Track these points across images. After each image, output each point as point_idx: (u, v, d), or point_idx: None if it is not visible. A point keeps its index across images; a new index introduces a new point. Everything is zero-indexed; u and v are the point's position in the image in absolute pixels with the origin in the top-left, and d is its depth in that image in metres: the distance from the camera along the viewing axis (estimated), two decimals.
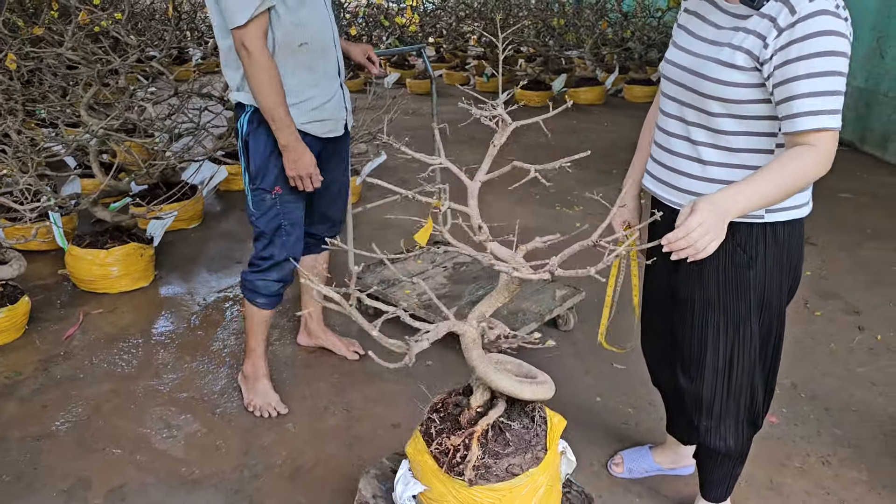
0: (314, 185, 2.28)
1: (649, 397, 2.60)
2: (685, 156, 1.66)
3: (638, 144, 1.92)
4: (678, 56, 1.64)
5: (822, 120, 1.41)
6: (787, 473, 2.24)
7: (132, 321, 3.19)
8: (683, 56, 1.62)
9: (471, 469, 1.49)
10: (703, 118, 1.60)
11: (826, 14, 1.39)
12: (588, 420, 2.50)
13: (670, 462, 2.22)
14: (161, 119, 4.14)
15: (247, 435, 2.44)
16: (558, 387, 2.66)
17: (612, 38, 7.85)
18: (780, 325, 1.76)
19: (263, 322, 2.55)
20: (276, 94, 2.13)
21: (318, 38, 2.25)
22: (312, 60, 2.24)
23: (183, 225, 4.18)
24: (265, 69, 2.10)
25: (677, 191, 1.69)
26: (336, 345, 2.91)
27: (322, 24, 2.27)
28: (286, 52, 2.18)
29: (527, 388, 1.55)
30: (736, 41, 1.50)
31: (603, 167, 5.27)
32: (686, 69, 1.60)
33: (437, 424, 1.62)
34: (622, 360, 2.84)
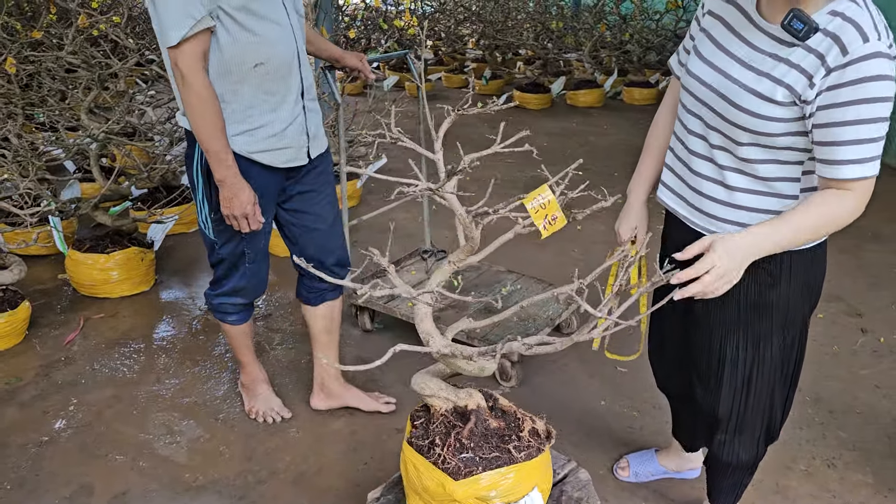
0: (251, 227, 2.03)
1: (654, 401, 2.59)
2: (710, 178, 1.57)
3: (645, 146, 1.83)
4: (704, 72, 1.52)
5: (865, 169, 1.35)
6: (793, 477, 2.23)
7: (133, 326, 3.18)
8: (711, 74, 1.50)
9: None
10: (729, 144, 1.51)
11: (880, 57, 1.29)
12: (593, 424, 2.49)
13: (676, 466, 2.22)
14: (161, 123, 4.13)
15: (250, 440, 2.43)
16: (563, 390, 2.67)
17: (610, 40, 7.85)
18: (803, 342, 1.69)
19: (244, 335, 2.46)
20: (211, 126, 1.89)
21: (278, 57, 1.97)
22: (270, 82, 1.98)
23: (183, 229, 4.17)
24: (199, 96, 1.86)
25: (701, 213, 1.61)
26: (364, 401, 2.56)
27: (283, 40, 1.99)
28: (238, 74, 1.93)
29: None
30: (777, 73, 1.39)
31: (603, 170, 5.27)
32: (715, 91, 1.49)
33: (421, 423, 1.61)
34: (627, 364, 2.84)
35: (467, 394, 1.56)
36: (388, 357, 1.23)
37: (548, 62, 7.95)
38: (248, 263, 2.24)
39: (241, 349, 2.50)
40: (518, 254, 3.69)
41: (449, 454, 1.47)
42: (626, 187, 1.88)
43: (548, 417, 2.49)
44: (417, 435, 1.56)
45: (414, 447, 1.52)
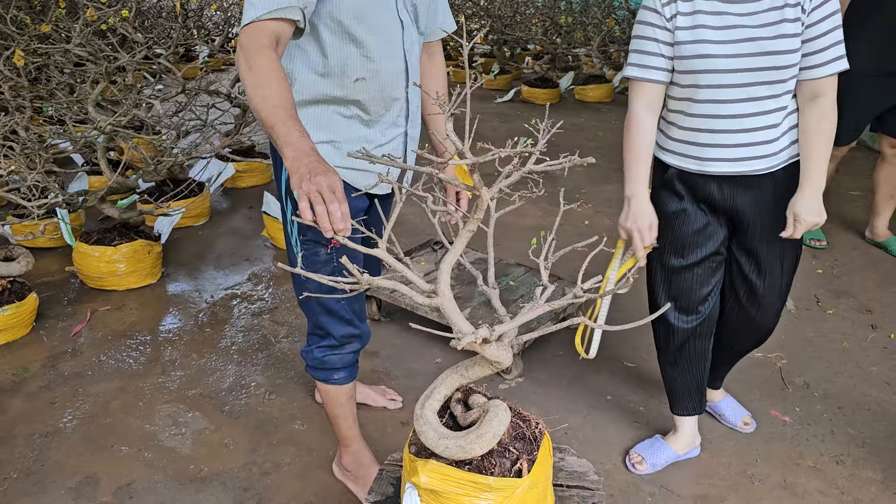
0: (336, 227, 1.28)
1: (660, 396, 2.58)
2: (761, 128, 1.81)
3: (637, 151, 1.88)
4: (729, 46, 1.74)
5: (841, 63, 1.75)
6: (801, 473, 2.22)
7: (140, 318, 3.18)
8: (739, 44, 1.73)
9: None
10: (775, 88, 1.77)
11: None
12: (599, 418, 2.48)
13: (684, 447, 2.25)
14: (168, 116, 4.13)
15: (255, 433, 2.43)
16: (568, 385, 2.65)
17: (619, 35, 7.81)
18: None
19: (349, 398, 2.05)
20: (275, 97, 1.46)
21: (382, 73, 1.72)
22: (370, 99, 1.74)
23: (190, 222, 4.17)
24: (261, 69, 1.47)
25: (755, 160, 1.84)
26: (371, 397, 2.51)
27: (390, 55, 1.73)
28: (338, 82, 1.70)
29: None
30: (789, 14, 1.71)
31: (612, 164, 5.24)
32: (752, 54, 1.73)
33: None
34: (633, 357, 2.82)
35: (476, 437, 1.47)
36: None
37: (556, 57, 7.92)
38: (346, 300, 1.88)
39: (346, 419, 2.09)
40: (526, 247, 3.67)
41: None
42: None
43: (553, 412, 2.49)
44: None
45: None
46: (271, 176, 4.94)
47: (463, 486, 1.41)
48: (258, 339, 2.99)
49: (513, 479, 1.43)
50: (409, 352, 2.88)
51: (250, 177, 4.89)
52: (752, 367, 2.75)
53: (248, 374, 2.76)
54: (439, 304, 1.39)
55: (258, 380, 2.72)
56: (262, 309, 3.26)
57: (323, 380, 2.00)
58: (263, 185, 4.91)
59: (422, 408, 1.49)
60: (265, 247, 3.93)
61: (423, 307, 2.72)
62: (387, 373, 2.74)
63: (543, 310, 1.44)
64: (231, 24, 9.56)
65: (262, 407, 2.56)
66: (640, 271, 1.85)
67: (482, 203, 1.37)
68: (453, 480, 1.42)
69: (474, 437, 1.43)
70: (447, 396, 1.53)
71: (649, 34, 1.82)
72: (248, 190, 4.83)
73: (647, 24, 1.82)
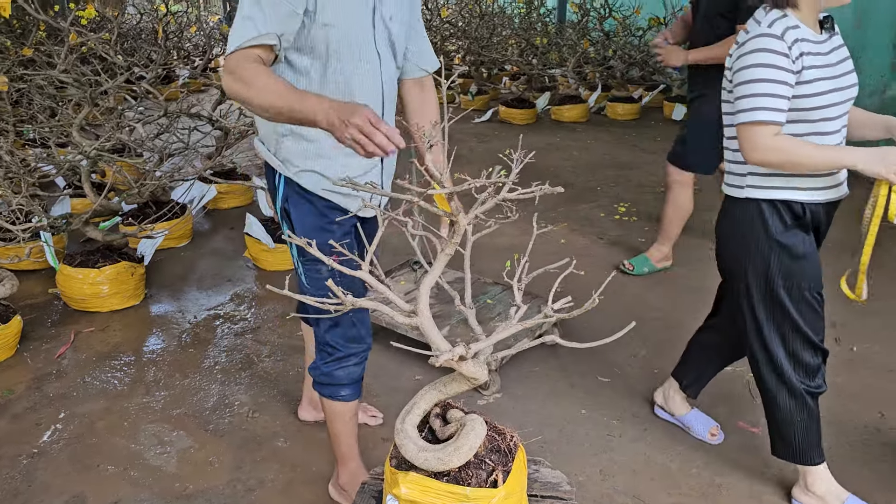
0: (390, 146, 1.48)
1: (633, 409, 2.67)
2: None
3: (815, 148, 1.86)
4: (837, 91, 1.88)
5: None
6: (767, 482, 2.31)
7: (123, 339, 3.23)
8: (842, 92, 1.89)
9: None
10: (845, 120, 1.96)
11: None
12: (574, 432, 2.56)
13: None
14: (150, 139, 4.20)
15: (239, 451, 2.48)
16: (544, 400, 2.74)
17: (594, 56, 7.98)
18: None
19: (352, 416, 2.12)
20: (276, 93, 1.60)
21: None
22: None
23: (173, 243, 4.22)
24: (249, 73, 1.63)
25: (843, 185, 2.00)
26: None
27: (368, 88, 1.83)
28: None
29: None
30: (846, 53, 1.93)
31: (587, 184, 5.37)
32: (851, 92, 1.91)
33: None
34: (607, 373, 2.91)
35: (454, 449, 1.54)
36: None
37: (532, 78, 8.07)
38: (349, 313, 1.94)
39: (349, 437, 2.15)
40: (502, 266, 3.76)
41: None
42: (610, 201, 2.01)
43: (529, 426, 2.57)
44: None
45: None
46: (252, 197, 5.00)
47: (441, 496, 1.49)
48: (241, 359, 3.05)
49: (489, 490, 1.51)
50: (389, 370, 2.95)
51: (232, 198, 4.95)
52: (720, 380, 2.84)
53: (232, 392, 2.81)
54: (419, 323, 1.47)
55: (242, 398, 2.78)
56: (244, 329, 3.32)
57: (330, 396, 2.06)
58: (245, 207, 4.97)
59: (402, 422, 1.57)
60: (247, 267, 3.99)
61: (403, 326, 2.79)
62: (368, 390, 2.81)
63: (517, 328, 1.52)
64: (211, 46, 9.65)
65: (246, 425, 2.62)
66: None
67: (459, 228, 1.46)
68: (432, 491, 1.49)
69: (452, 450, 1.51)
70: (426, 411, 1.61)
71: (780, 77, 1.82)
72: (229, 211, 4.89)
73: (775, 67, 1.82)
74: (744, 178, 2.00)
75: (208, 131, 4.54)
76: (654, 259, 3.85)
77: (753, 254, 2.01)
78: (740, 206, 2.02)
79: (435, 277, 1.50)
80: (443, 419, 1.65)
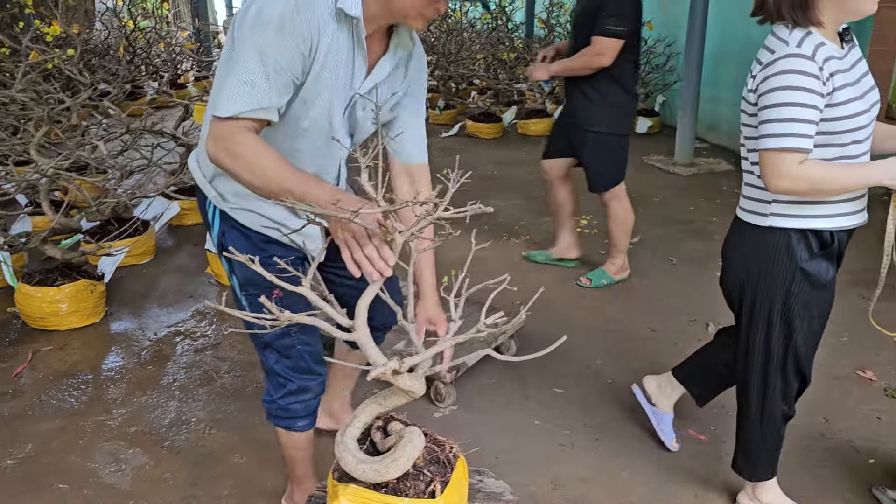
0: (376, 271, 1.50)
1: (585, 419, 2.72)
2: None
3: (840, 168, 1.84)
4: (866, 113, 1.81)
5: None
6: (713, 488, 2.37)
7: (82, 357, 3.22)
8: (869, 113, 1.82)
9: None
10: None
11: None
12: (527, 442, 2.60)
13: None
14: (113, 157, 4.20)
15: (195, 467, 2.50)
16: (499, 411, 2.78)
17: None
18: None
19: (308, 442, 2.10)
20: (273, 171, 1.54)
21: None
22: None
23: (135, 260, 4.22)
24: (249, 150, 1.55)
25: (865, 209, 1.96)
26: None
27: (320, 158, 1.79)
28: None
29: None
30: (866, 66, 1.86)
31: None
32: (875, 109, 1.84)
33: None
34: (563, 384, 2.96)
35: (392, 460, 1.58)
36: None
37: (499, 92, 8.16)
38: (299, 346, 1.92)
39: (304, 461, 2.13)
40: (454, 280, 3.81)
41: None
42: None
43: (483, 438, 2.61)
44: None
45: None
46: None
47: None
48: (200, 375, 3.06)
49: (426, 500, 1.55)
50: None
51: (195, 215, 4.94)
52: None
53: (190, 409, 2.82)
54: (356, 338, 1.51)
55: (199, 415, 2.79)
56: (205, 345, 3.33)
57: (287, 427, 2.03)
58: None
59: (342, 435, 1.60)
60: (209, 283, 4.00)
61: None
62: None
63: (451, 343, 1.57)
64: (179, 63, 9.65)
65: (203, 441, 2.63)
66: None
67: (396, 246, 1.51)
68: (371, 502, 1.53)
69: (389, 462, 1.54)
70: (367, 424, 1.65)
71: (810, 101, 1.73)
72: (193, 227, 4.89)
73: (805, 90, 1.73)
74: (768, 206, 1.91)
75: (171, 148, 4.55)
76: (612, 272, 3.92)
77: (774, 281, 1.94)
78: (763, 234, 1.94)
79: (373, 294, 1.54)
80: (384, 432, 1.69)
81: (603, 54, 3.39)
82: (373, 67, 1.74)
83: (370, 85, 1.74)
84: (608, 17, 3.35)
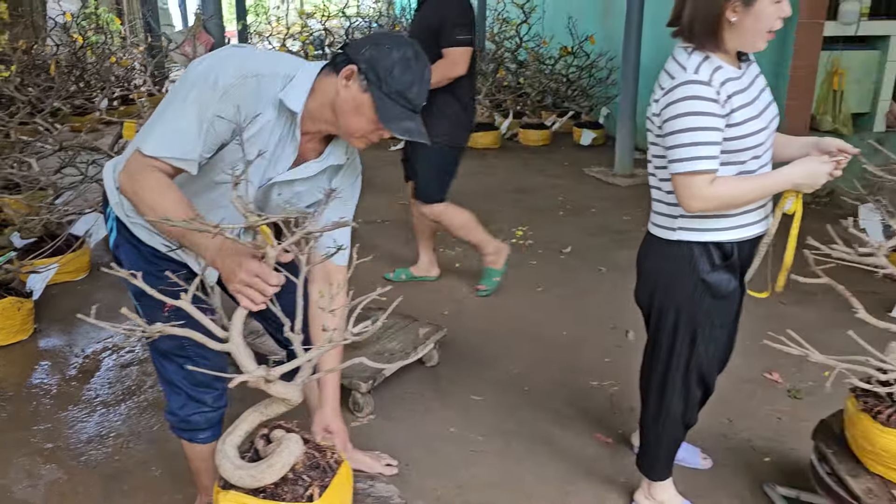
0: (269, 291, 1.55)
1: (500, 425, 2.80)
2: None
3: (751, 180, 1.95)
4: (764, 130, 1.91)
5: None
6: (614, 489, 2.45)
7: (5, 375, 3.22)
8: (767, 130, 1.93)
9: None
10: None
11: None
12: (438, 450, 2.67)
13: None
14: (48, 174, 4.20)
15: (110, 481, 2.52)
16: (418, 419, 2.85)
17: (507, 84, 8.23)
18: None
19: (212, 454, 1.93)
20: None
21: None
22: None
23: (69, 277, 4.21)
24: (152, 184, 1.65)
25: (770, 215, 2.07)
26: (366, 463, 2.42)
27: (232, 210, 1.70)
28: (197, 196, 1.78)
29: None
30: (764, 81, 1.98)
31: (489, 209, 5.53)
32: (774, 124, 1.96)
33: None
34: (481, 391, 3.04)
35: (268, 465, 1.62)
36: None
37: None
38: (194, 357, 1.91)
39: (209, 472, 2.11)
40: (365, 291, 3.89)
41: None
42: (508, 225, 2.08)
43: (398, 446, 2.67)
44: None
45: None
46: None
47: None
48: (123, 390, 3.09)
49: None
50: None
51: None
52: (586, 395, 3.01)
53: (110, 424, 2.85)
54: (230, 348, 1.58)
55: (119, 429, 2.81)
56: (132, 360, 3.35)
57: (189, 440, 2.07)
58: None
59: (223, 443, 1.66)
60: None
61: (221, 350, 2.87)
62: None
63: (311, 356, 1.63)
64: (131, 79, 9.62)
65: (120, 455, 2.66)
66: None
67: (269, 260, 1.57)
68: None
69: (265, 467, 1.61)
70: (248, 432, 1.71)
71: (712, 124, 1.83)
72: None
73: (706, 114, 1.82)
74: (675, 221, 2.02)
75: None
76: (492, 263, 4.00)
77: (679, 291, 2.05)
78: (670, 247, 2.04)
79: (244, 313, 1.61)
80: (267, 440, 1.75)
81: (458, 63, 3.51)
82: (300, 163, 1.84)
83: (290, 177, 1.83)
84: (455, 28, 3.47)
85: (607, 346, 3.38)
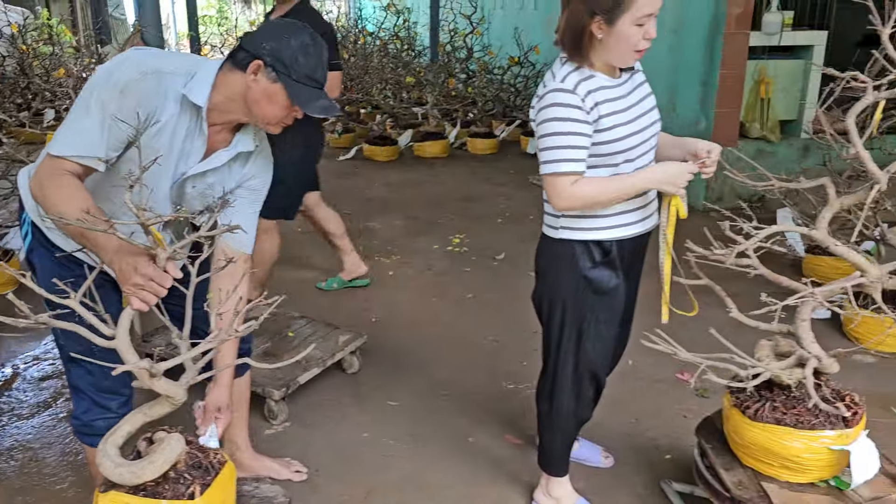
0: (158, 295, 1.62)
1: (413, 429, 2.84)
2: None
3: (609, 182, 2.03)
4: (637, 133, 2.00)
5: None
6: (515, 489, 2.51)
7: None
8: (642, 133, 2.02)
9: None
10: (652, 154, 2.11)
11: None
12: (350, 455, 2.70)
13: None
14: None
15: (16, 494, 2.51)
16: (333, 426, 2.88)
17: (455, 94, 8.31)
18: None
19: None
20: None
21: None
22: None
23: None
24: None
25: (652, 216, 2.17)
26: (275, 469, 2.51)
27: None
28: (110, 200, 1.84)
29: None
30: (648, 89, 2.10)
31: (431, 217, 5.59)
32: (652, 129, 2.05)
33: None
34: (398, 397, 3.08)
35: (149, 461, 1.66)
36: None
37: (398, 115, 8.32)
38: (100, 359, 1.78)
39: None
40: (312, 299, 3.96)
41: None
42: (447, 233, 2.14)
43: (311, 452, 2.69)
44: None
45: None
46: None
47: None
48: (39, 403, 3.08)
49: (185, 502, 1.64)
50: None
51: None
52: (503, 398, 3.06)
53: (23, 436, 2.84)
54: (116, 345, 1.62)
55: (31, 442, 2.80)
56: (52, 372, 3.33)
57: (90, 444, 2.07)
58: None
59: (104, 444, 1.69)
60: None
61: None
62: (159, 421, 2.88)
63: (212, 345, 1.66)
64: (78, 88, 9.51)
65: (29, 468, 2.65)
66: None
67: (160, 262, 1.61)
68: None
69: (146, 464, 1.64)
70: (130, 433, 1.73)
71: (576, 129, 1.92)
72: None
73: (569, 119, 1.91)
74: (558, 220, 2.11)
75: None
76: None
77: (563, 288, 2.14)
78: (555, 245, 2.13)
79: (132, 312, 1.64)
80: (150, 441, 1.78)
81: (334, 88, 3.55)
82: (210, 155, 1.91)
83: (202, 169, 1.92)
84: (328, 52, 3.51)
85: (527, 350, 3.44)
